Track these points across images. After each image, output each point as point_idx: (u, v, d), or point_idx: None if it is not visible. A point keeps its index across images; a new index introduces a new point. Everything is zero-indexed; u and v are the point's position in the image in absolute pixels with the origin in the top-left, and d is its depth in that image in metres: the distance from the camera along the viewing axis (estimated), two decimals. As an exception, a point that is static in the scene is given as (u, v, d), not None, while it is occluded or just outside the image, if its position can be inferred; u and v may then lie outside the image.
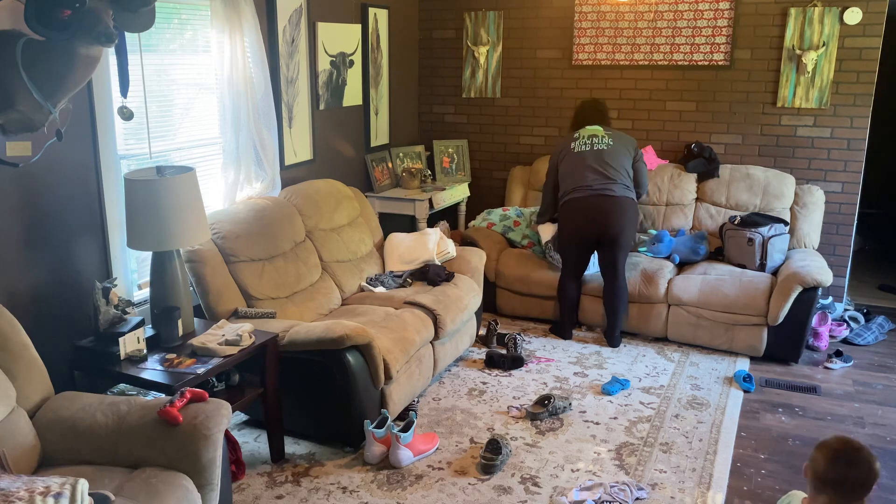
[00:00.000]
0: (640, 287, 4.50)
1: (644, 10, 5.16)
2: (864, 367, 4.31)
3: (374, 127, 5.30)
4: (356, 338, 3.18)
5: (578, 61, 5.40)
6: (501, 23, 5.57)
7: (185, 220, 2.98)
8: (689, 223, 5.04)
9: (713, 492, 3.06)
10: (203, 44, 3.71)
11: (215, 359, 2.88)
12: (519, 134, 5.73)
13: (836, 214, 4.94)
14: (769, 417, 3.71)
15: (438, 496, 3.02)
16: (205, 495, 2.33)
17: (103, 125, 3.13)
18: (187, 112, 3.71)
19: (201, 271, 3.38)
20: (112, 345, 2.84)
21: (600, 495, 2.95)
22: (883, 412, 3.78)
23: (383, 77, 5.37)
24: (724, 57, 5.01)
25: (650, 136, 5.34)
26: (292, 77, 4.33)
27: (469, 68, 5.74)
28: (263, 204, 3.86)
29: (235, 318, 3.41)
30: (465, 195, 5.73)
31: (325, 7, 4.60)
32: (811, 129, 4.90)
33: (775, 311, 4.18)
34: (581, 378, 4.11)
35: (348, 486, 3.09)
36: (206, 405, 2.44)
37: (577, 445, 3.41)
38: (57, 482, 1.91)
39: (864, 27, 4.65)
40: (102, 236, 3.21)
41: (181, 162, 3.65)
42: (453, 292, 4.08)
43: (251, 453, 3.34)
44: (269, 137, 3.96)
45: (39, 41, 2.49)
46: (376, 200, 5.18)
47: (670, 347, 4.54)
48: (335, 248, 4.19)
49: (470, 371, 4.20)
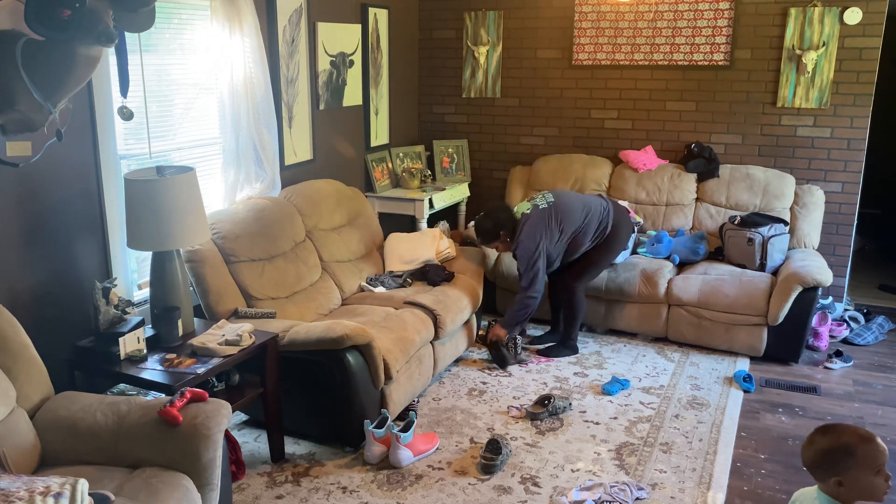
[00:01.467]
0: (640, 287, 4.50)
1: (644, 10, 5.16)
2: (864, 367, 4.31)
3: (374, 127, 5.30)
4: (356, 338, 3.18)
5: (578, 61, 5.40)
6: (501, 23, 5.57)
7: (185, 220, 2.98)
8: (689, 223, 5.04)
9: (713, 492, 3.06)
10: (203, 44, 3.71)
11: (215, 359, 2.88)
12: (519, 134, 5.73)
13: (836, 214, 4.93)
14: (769, 417, 3.71)
15: (438, 496, 3.02)
16: (205, 495, 2.33)
17: (103, 125, 3.13)
18: (187, 112, 3.71)
19: (201, 271, 3.38)
20: (112, 345, 2.84)
21: (600, 495, 2.95)
22: (883, 412, 3.78)
23: (383, 77, 5.37)
24: (724, 57, 5.01)
25: (650, 136, 5.34)
26: (292, 77, 4.33)
27: (469, 68, 5.74)
28: (263, 204, 3.86)
29: (235, 318, 3.41)
30: (465, 195, 5.73)
31: (325, 7, 4.60)
32: (811, 129, 4.90)
33: (775, 311, 4.18)
34: (581, 378, 4.11)
35: (348, 486, 3.09)
36: (206, 405, 2.44)
37: (577, 445, 3.41)
38: (57, 482, 1.91)
39: (864, 27, 4.65)
40: (102, 236, 3.21)
41: (181, 162, 3.65)
42: (453, 292, 4.08)
43: (251, 453, 3.34)
44: (269, 137, 3.96)
45: (39, 41, 2.49)
46: (376, 200, 5.18)
47: (670, 347, 4.54)
48: (335, 248, 4.19)
49: (470, 371, 4.20)
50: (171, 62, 3.56)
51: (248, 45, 3.76)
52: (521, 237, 4.08)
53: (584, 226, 4.18)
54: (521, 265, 4.14)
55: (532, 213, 4.12)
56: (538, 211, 4.12)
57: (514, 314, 4.17)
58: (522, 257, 4.09)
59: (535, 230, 4.06)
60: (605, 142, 5.47)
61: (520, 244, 4.08)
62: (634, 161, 5.17)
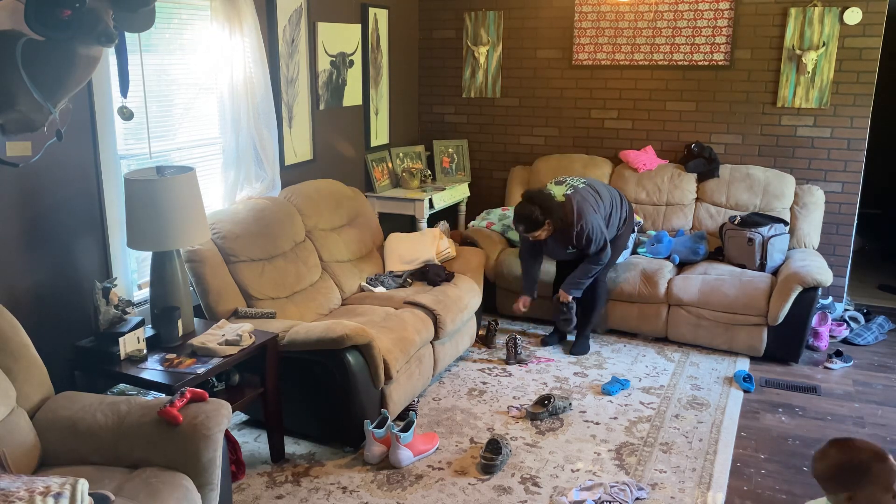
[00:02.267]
0: (640, 287, 4.50)
1: (644, 10, 5.16)
2: (864, 367, 4.31)
3: (374, 127, 5.30)
4: (356, 338, 3.19)
5: (578, 61, 5.40)
6: (501, 23, 5.57)
7: (185, 220, 2.98)
8: (689, 223, 5.04)
9: (713, 492, 3.06)
10: (203, 44, 3.71)
11: (215, 359, 2.88)
12: (519, 134, 5.73)
13: (836, 214, 4.93)
14: (769, 417, 3.71)
15: (438, 496, 3.02)
16: (205, 495, 2.33)
17: (103, 125, 3.13)
18: (187, 112, 3.71)
19: (201, 271, 3.38)
20: (112, 345, 2.84)
21: (600, 495, 2.95)
22: (883, 412, 3.78)
23: (383, 77, 5.37)
24: (724, 57, 5.01)
25: (650, 136, 5.34)
26: (292, 77, 4.33)
27: (469, 68, 5.74)
28: (263, 204, 3.86)
29: (235, 318, 3.41)
30: (465, 195, 5.73)
31: (325, 7, 4.60)
32: (811, 129, 4.90)
33: (775, 311, 4.18)
34: (581, 378, 4.11)
35: (348, 486, 3.09)
36: (206, 405, 2.44)
37: (577, 445, 3.41)
38: (57, 482, 1.91)
39: (864, 27, 4.65)
40: (102, 236, 3.21)
41: (181, 162, 3.65)
42: (453, 292, 4.08)
43: (251, 453, 3.34)
44: (269, 137, 3.96)
45: (39, 41, 2.49)
46: (376, 200, 5.18)
47: (670, 347, 4.54)
48: (335, 248, 4.19)
49: (470, 371, 4.20)
50: (171, 62, 3.56)
51: (248, 45, 3.76)
52: (581, 215, 4.02)
53: (611, 211, 4.24)
54: (594, 238, 4.09)
55: (577, 192, 4.10)
56: (581, 190, 4.12)
57: (580, 279, 4.21)
58: (594, 231, 4.06)
59: (589, 205, 4.08)
60: (605, 142, 5.47)
61: (584, 221, 4.03)
62: (634, 161, 5.17)
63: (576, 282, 4.22)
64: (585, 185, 4.18)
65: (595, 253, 4.14)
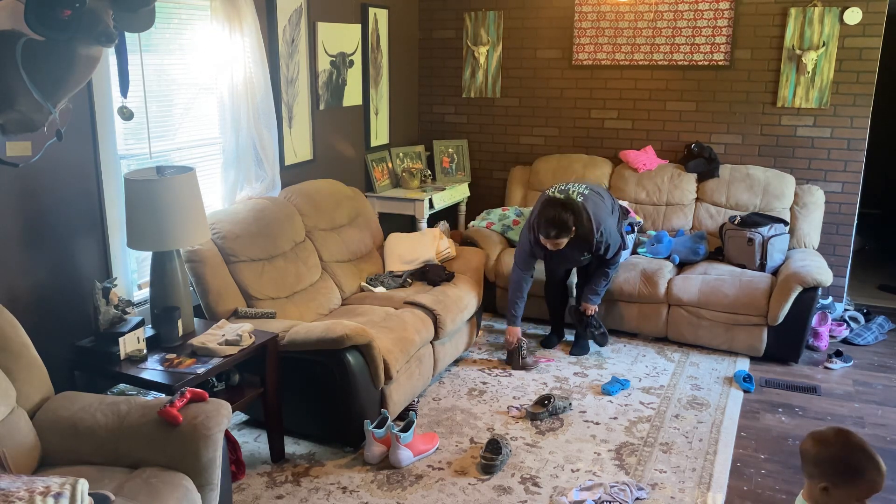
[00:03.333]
0: (640, 287, 4.50)
1: (644, 10, 5.16)
2: (864, 367, 4.31)
3: (374, 127, 5.30)
4: (356, 338, 3.18)
5: (578, 61, 5.40)
6: (501, 23, 5.57)
7: (185, 220, 2.98)
8: (689, 223, 5.04)
9: (713, 492, 3.06)
10: (203, 44, 3.71)
11: (215, 359, 2.88)
12: (519, 134, 5.73)
13: (836, 214, 4.93)
14: (769, 417, 3.71)
15: (438, 496, 3.02)
16: (205, 495, 2.33)
17: (103, 125, 3.13)
18: (187, 112, 3.71)
19: (201, 271, 3.38)
20: (112, 345, 2.84)
21: (600, 495, 2.95)
22: (883, 412, 3.78)
23: (383, 77, 5.37)
24: (724, 57, 5.01)
25: (650, 136, 5.34)
26: (292, 77, 4.33)
27: (469, 68, 5.74)
28: (263, 204, 3.86)
29: (235, 318, 3.41)
30: (465, 195, 5.73)
31: (325, 7, 4.60)
32: (811, 129, 4.90)
33: (775, 311, 4.18)
34: (581, 378, 4.11)
35: (348, 486, 3.09)
36: (206, 405, 2.44)
37: (577, 445, 3.41)
38: (57, 482, 1.91)
39: (864, 27, 4.65)
40: (102, 236, 3.21)
41: (181, 162, 3.65)
42: (453, 292, 4.08)
43: (251, 453, 3.34)
44: (269, 137, 3.96)
45: (39, 41, 2.49)
46: (376, 200, 5.18)
47: (670, 347, 4.54)
48: (335, 248, 4.19)
49: (470, 371, 4.20)
50: (171, 62, 3.56)
51: (248, 45, 3.76)
52: (599, 221, 4.04)
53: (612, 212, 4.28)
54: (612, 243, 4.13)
55: (588, 199, 4.10)
56: (590, 196, 4.14)
57: (598, 287, 4.28)
58: (612, 236, 4.11)
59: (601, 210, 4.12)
60: (605, 142, 5.47)
61: (603, 227, 4.05)
62: (634, 161, 5.18)
63: (596, 290, 4.29)
64: (590, 191, 4.18)
65: (612, 256, 4.19)
